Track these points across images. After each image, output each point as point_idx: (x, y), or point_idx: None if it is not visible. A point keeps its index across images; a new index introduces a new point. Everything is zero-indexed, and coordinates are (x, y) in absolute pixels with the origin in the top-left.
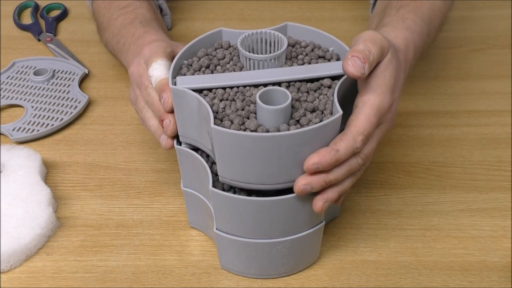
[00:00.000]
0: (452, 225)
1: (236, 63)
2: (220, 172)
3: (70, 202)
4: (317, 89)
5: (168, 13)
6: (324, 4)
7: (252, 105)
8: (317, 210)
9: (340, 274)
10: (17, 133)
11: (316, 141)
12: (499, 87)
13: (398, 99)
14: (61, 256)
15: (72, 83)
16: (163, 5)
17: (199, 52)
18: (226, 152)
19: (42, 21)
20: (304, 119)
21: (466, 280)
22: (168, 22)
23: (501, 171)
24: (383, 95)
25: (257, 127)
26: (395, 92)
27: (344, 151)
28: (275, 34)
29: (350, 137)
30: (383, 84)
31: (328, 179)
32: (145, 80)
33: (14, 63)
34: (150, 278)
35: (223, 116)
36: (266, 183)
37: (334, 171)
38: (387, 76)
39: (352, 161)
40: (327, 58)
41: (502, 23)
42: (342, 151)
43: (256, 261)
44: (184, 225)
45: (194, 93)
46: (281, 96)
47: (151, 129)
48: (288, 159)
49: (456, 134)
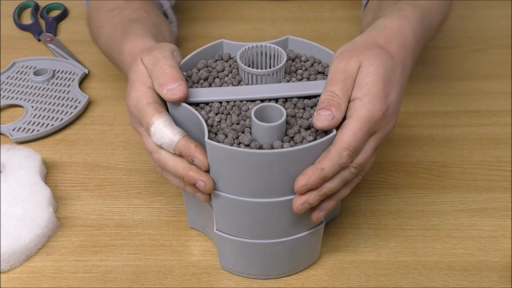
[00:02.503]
0: (452, 225)
1: (235, 76)
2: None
3: (70, 202)
4: (313, 105)
5: (174, 21)
6: (324, 4)
7: (248, 120)
8: (315, 220)
9: (340, 274)
10: (17, 133)
11: (309, 158)
12: (499, 87)
13: (398, 96)
14: (61, 256)
15: (72, 83)
16: (168, 11)
17: (199, 63)
18: (219, 165)
19: (42, 21)
20: (298, 136)
21: (466, 280)
22: (175, 31)
23: (501, 171)
24: (371, 104)
25: (250, 142)
26: (388, 95)
27: (329, 168)
28: (275, 48)
29: (334, 153)
30: (368, 92)
31: (323, 192)
32: (146, 120)
33: (14, 63)
34: (150, 278)
35: (218, 130)
36: (258, 197)
37: (326, 185)
38: (370, 83)
39: (344, 173)
40: (326, 74)
41: (502, 23)
42: (327, 169)
43: (256, 261)
44: (184, 225)
45: (190, 107)
46: (276, 113)
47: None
48: (280, 175)
49: (456, 134)
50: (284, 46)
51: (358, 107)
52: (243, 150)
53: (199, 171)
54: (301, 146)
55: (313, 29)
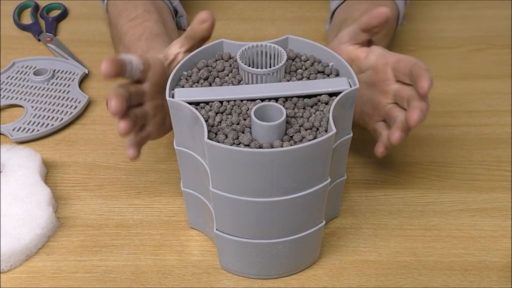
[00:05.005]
0: (452, 225)
1: (235, 75)
2: (213, 185)
3: (70, 202)
4: (313, 104)
5: (184, 14)
6: (324, 4)
7: (248, 119)
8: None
9: (340, 274)
10: (17, 133)
11: (309, 158)
12: (499, 87)
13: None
14: (61, 256)
15: (72, 83)
16: (178, 6)
17: (199, 63)
18: (218, 165)
19: (42, 21)
20: (298, 135)
21: (466, 280)
22: (185, 23)
23: (501, 171)
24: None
25: (250, 142)
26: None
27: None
28: (275, 48)
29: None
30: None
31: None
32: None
33: (14, 63)
34: (150, 278)
35: (218, 130)
36: (258, 197)
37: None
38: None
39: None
40: (326, 73)
41: (502, 23)
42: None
43: (256, 261)
44: (184, 225)
45: (190, 107)
46: (276, 112)
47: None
48: (280, 174)
49: (456, 134)
50: (284, 46)
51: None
52: (243, 150)
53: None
54: (301, 145)
55: (313, 29)
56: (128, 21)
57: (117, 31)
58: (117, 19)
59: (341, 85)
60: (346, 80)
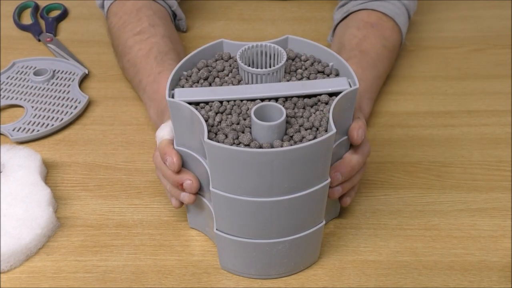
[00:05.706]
0: (452, 225)
1: (235, 75)
2: (213, 185)
3: (70, 202)
4: (313, 104)
5: (183, 17)
6: (324, 4)
7: (248, 119)
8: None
9: (340, 274)
10: (17, 133)
11: (309, 158)
12: (499, 87)
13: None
14: (61, 256)
15: (72, 83)
16: (177, 11)
17: (199, 63)
18: (218, 165)
19: (42, 21)
20: (298, 135)
21: (466, 280)
22: (184, 26)
23: (501, 171)
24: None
25: (250, 142)
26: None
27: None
28: (275, 48)
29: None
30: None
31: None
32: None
33: (14, 63)
34: (150, 278)
35: (218, 130)
36: (258, 196)
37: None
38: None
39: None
40: (326, 73)
41: (502, 23)
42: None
43: (256, 261)
44: (184, 225)
45: (190, 107)
46: (276, 112)
47: (166, 188)
48: (280, 174)
49: (456, 134)
50: (284, 46)
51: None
52: (243, 149)
53: (186, 171)
54: (301, 145)
55: (313, 29)
56: (133, 35)
57: (121, 43)
58: (121, 31)
59: (341, 85)
60: (346, 80)
